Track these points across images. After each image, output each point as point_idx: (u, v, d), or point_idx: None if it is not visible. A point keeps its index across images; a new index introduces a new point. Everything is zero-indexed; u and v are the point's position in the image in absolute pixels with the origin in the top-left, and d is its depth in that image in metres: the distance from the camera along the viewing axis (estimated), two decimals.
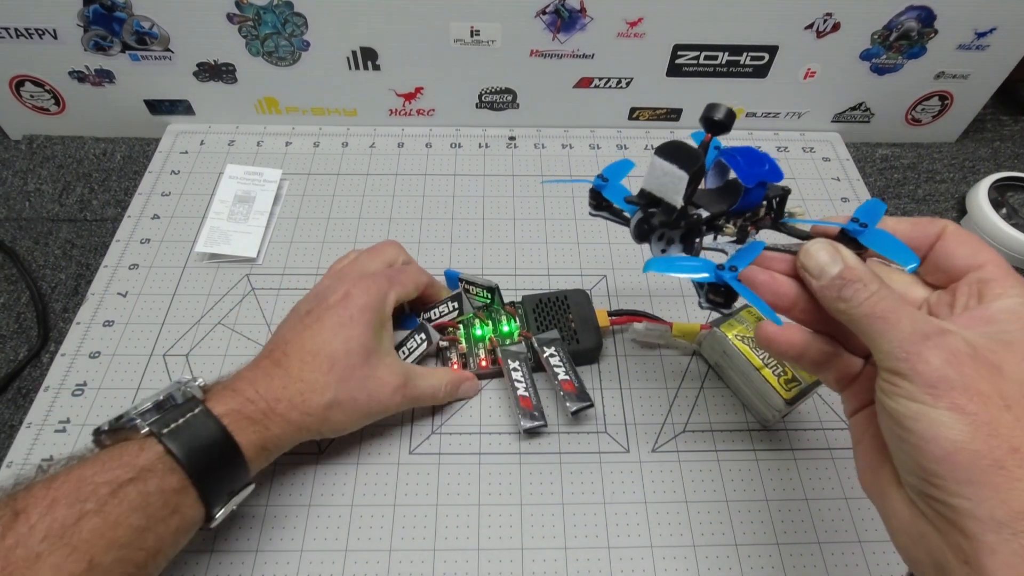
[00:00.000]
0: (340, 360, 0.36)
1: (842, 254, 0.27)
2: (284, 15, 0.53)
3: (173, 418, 0.31)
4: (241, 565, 0.37)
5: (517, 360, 0.43)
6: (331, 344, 0.37)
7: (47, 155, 0.60)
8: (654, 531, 0.39)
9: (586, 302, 0.46)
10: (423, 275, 0.44)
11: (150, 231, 0.53)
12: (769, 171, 0.30)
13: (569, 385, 0.42)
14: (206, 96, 0.60)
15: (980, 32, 0.55)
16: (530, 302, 0.46)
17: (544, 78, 0.59)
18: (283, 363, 0.36)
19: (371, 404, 0.38)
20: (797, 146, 0.62)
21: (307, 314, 0.39)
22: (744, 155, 0.30)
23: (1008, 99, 0.70)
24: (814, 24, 0.55)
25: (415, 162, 0.59)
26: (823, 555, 0.38)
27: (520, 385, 0.42)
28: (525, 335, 0.45)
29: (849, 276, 0.26)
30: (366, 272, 0.41)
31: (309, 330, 0.37)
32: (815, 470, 0.42)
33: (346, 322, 0.38)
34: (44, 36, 0.54)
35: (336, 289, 0.39)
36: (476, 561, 0.38)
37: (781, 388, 0.40)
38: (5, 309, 0.50)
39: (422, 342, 0.43)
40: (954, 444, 0.22)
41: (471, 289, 0.46)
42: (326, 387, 0.36)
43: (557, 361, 0.43)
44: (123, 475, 0.29)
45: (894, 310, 0.24)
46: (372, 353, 0.38)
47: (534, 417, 0.41)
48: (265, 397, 0.34)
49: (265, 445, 0.34)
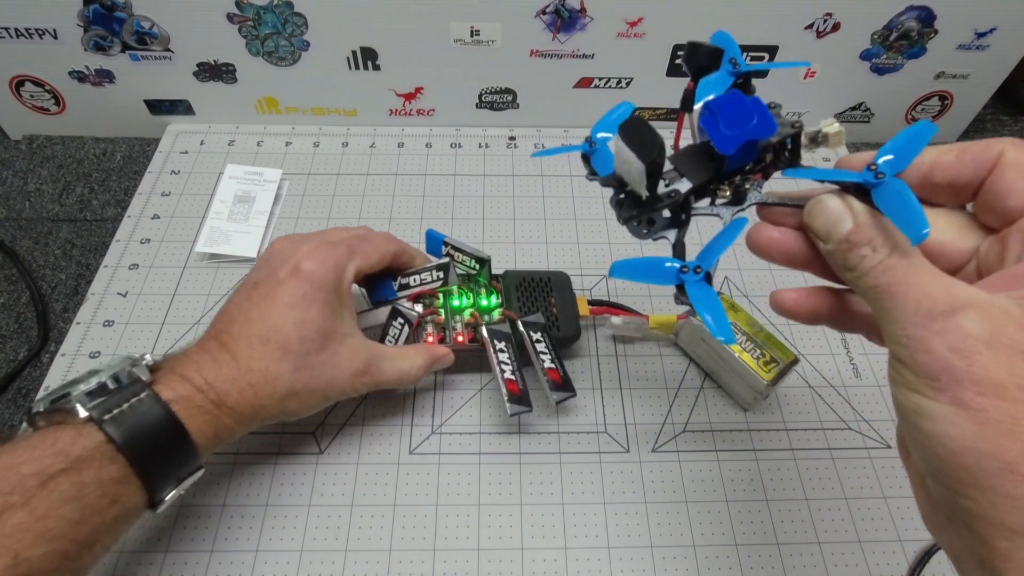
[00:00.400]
0: (293, 347, 0.33)
1: (852, 210, 0.23)
2: (284, 15, 0.53)
3: (116, 403, 0.29)
4: (241, 565, 0.37)
5: (504, 341, 0.41)
6: (282, 328, 0.33)
7: (47, 155, 0.60)
8: (654, 531, 0.39)
9: (567, 287, 0.45)
10: (391, 243, 0.40)
11: (150, 231, 0.53)
12: (757, 126, 0.25)
13: (555, 373, 0.40)
14: (206, 96, 0.60)
15: (980, 32, 0.55)
16: (513, 279, 0.44)
17: (544, 78, 0.59)
18: (230, 347, 0.33)
19: (330, 390, 0.35)
20: None
21: (255, 288, 0.35)
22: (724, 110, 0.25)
23: (1008, 99, 0.70)
24: (814, 24, 0.55)
25: (415, 162, 0.59)
26: (823, 555, 0.38)
27: (507, 368, 0.40)
28: (509, 315, 0.42)
29: (856, 238, 0.22)
30: (322, 240, 0.37)
31: (257, 309, 0.34)
32: (815, 470, 0.42)
33: (298, 302, 0.34)
34: (44, 36, 0.54)
35: (287, 258, 0.35)
36: (476, 561, 0.38)
37: (761, 370, 0.40)
38: (5, 309, 0.50)
39: (402, 326, 0.41)
40: (958, 444, 0.19)
41: (457, 256, 0.43)
42: (279, 377, 0.33)
43: (544, 348, 0.41)
44: (55, 465, 0.27)
45: (902, 282, 0.21)
46: (330, 336, 0.35)
47: (521, 401, 0.39)
48: (215, 387, 0.32)
49: (218, 435, 0.32)
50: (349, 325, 0.37)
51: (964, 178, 0.23)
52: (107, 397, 0.29)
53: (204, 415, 0.31)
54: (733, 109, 0.25)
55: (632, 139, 0.24)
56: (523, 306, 0.43)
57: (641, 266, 0.27)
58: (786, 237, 0.25)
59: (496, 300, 0.43)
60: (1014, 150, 0.22)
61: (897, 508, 0.40)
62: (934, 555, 0.38)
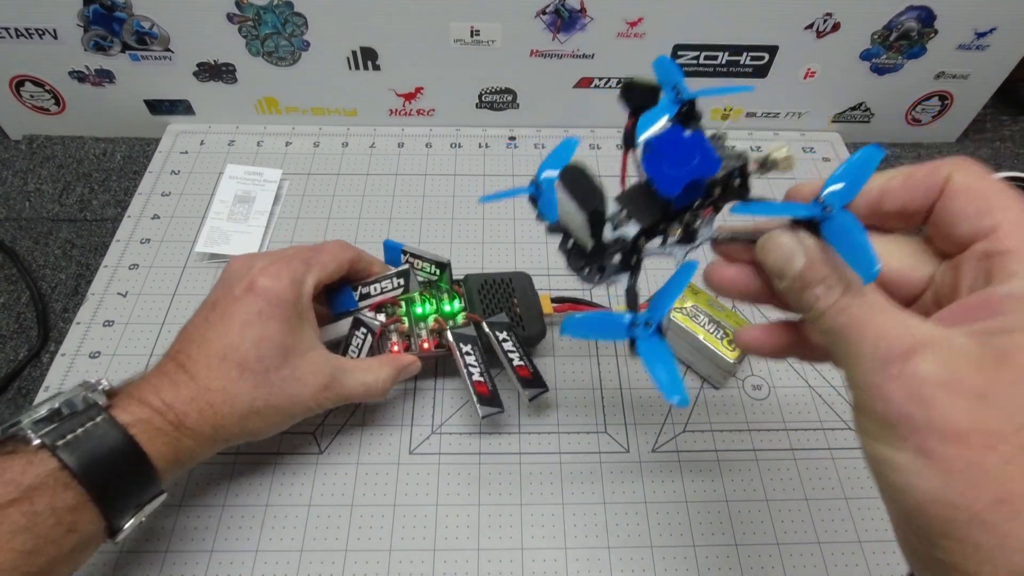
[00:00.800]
0: (251, 364, 0.33)
1: (804, 246, 0.22)
2: (284, 15, 0.53)
3: (70, 428, 0.28)
4: (241, 565, 0.37)
5: (469, 344, 0.41)
6: (239, 346, 0.33)
7: (47, 155, 0.60)
8: (654, 531, 0.39)
9: (529, 286, 0.45)
10: (346, 250, 0.40)
11: (150, 231, 0.53)
12: (699, 164, 0.24)
13: (524, 370, 0.40)
14: (206, 96, 0.60)
15: (980, 32, 0.55)
16: (474, 282, 0.44)
17: (544, 78, 0.59)
18: (188, 367, 0.32)
19: (293, 407, 0.35)
20: (797, 146, 0.62)
21: (212, 308, 0.34)
22: (665, 150, 0.24)
23: (1008, 99, 0.70)
24: (814, 24, 0.55)
25: (415, 162, 0.59)
26: (823, 555, 0.38)
27: (475, 370, 0.40)
28: (473, 318, 0.42)
29: (809, 276, 0.21)
30: (278, 256, 0.37)
31: (214, 328, 0.33)
32: (815, 470, 0.42)
33: (254, 319, 0.33)
34: (44, 36, 0.54)
35: (242, 276, 0.35)
36: (476, 561, 0.38)
37: (726, 349, 0.42)
38: (5, 309, 0.50)
39: (365, 335, 0.40)
40: (925, 495, 0.18)
41: (416, 263, 0.43)
42: (238, 396, 0.32)
43: (511, 346, 0.41)
44: (4, 495, 0.26)
45: (858, 323, 0.20)
46: (290, 352, 0.34)
47: (491, 403, 0.39)
48: (173, 408, 0.31)
49: (178, 458, 0.31)
50: (310, 340, 0.36)
51: (914, 204, 0.22)
52: (60, 423, 0.28)
53: (163, 437, 0.30)
54: (674, 148, 0.24)
55: (573, 189, 0.24)
56: (487, 308, 0.43)
57: (592, 322, 0.26)
58: (742, 274, 0.24)
59: (459, 304, 0.43)
60: (961, 174, 0.21)
61: None
62: None
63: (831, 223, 0.22)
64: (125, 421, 0.29)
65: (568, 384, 0.45)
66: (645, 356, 0.24)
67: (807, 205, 0.22)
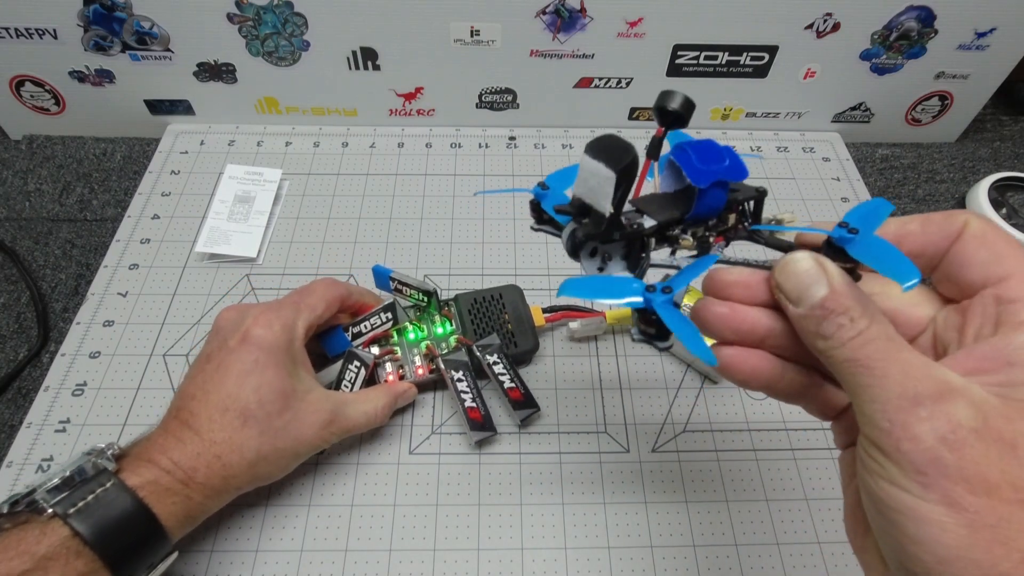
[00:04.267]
0: (254, 411, 0.33)
1: (828, 273, 0.21)
2: (284, 15, 0.53)
3: (81, 495, 0.29)
4: (241, 565, 0.37)
5: (460, 370, 0.42)
6: (240, 396, 0.33)
7: (47, 155, 0.60)
8: (654, 531, 0.39)
9: (520, 299, 0.45)
10: (333, 288, 0.40)
11: (150, 231, 0.53)
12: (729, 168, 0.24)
13: (516, 392, 0.42)
14: (206, 96, 0.60)
15: (980, 32, 0.55)
16: (464, 302, 0.45)
17: (544, 78, 0.59)
18: (192, 424, 0.33)
19: (299, 448, 0.35)
20: (797, 146, 0.62)
21: (208, 361, 0.35)
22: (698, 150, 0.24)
23: (1008, 99, 0.70)
24: (814, 24, 0.55)
25: (415, 162, 0.59)
26: (823, 555, 0.38)
27: (467, 396, 0.41)
28: (464, 342, 0.43)
29: (833, 305, 0.20)
30: (268, 306, 0.37)
31: (212, 381, 0.34)
32: (815, 470, 0.42)
33: (251, 368, 0.34)
34: (44, 36, 0.54)
35: (235, 327, 0.36)
36: (476, 561, 0.38)
37: None
38: (5, 309, 0.50)
39: (359, 369, 0.41)
40: (947, 551, 0.17)
41: (404, 290, 0.44)
42: (244, 445, 0.33)
43: (501, 369, 0.42)
44: (17, 567, 0.26)
45: (883, 358, 0.19)
46: (290, 396, 0.35)
47: (484, 428, 0.41)
48: (181, 466, 0.32)
49: (190, 514, 0.32)
50: (307, 382, 0.37)
51: (931, 248, 0.22)
52: (72, 491, 0.29)
53: (173, 496, 0.31)
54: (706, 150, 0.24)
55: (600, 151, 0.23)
56: (478, 327, 0.44)
57: (598, 283, 0.25)
58: (735, 313, 0.23)
59: (450, 327, 0.44)
60: (977, 221, 0.21)
61: None
62: None
63: (858, 242, 0.21)
64: (134, 484, 0.30)
65: (568, 384, 0.45)
66: (668, 319, 0.22)
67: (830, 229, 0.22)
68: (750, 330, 0.23)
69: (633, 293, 0.23)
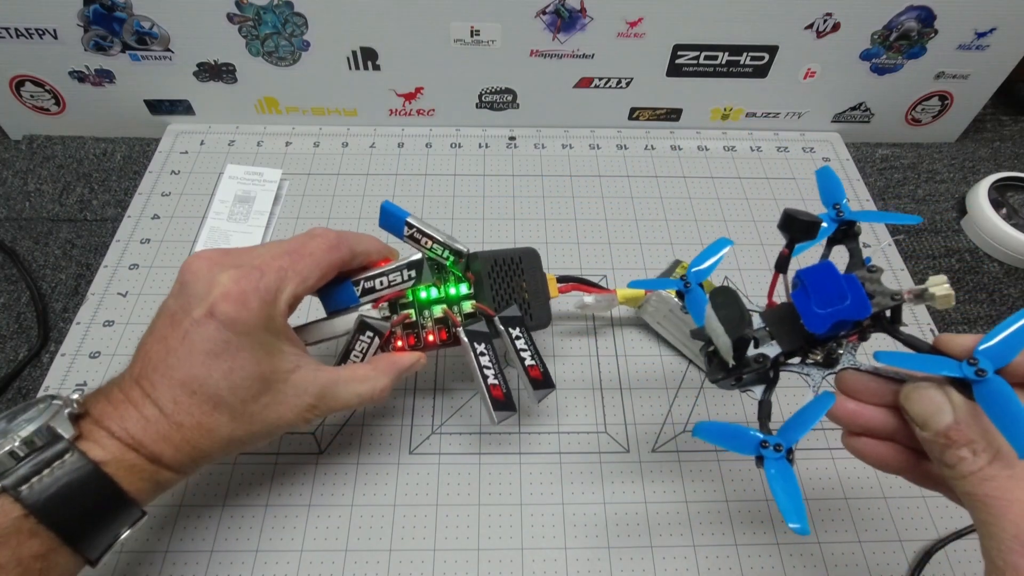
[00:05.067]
0: (225, 397, 0.29)
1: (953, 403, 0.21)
2: (284, 15, 0.53)
3: (35, 470, 0.25)
4: (241, 565, 0.37)
5: (483, 342, 0.37)
6: (208, 382, 0.29)
7: (47, 155, 0.60)
8: (654, 531, 0.39)
9: (538, 266, 0.41)
10: (333, 252, 0.34)
11: (150, 231, 0.53)
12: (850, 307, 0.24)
13: (536, 371, 0.37)
14: (206, 96, 0.60)
15: (980, 32, 0.55)
16: (484, 263, 0.39)
17: (544, 78, 0.59)
18: (154, 397, 0.29)
19: (278, 429, 0.32)
20: (797, 146, 0.62)
21: (171, 324, 0.30)
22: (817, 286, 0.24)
23: (1008, 99, 0.70)
24: (814, 24, 0.55)
25: (415, 162, 0.59)
26: (823, 555, 0.38)
27: (489, 372, 0.36)
28: (486, 311, 0.38)
29: (956, 436, 0.21)
30: (246, 266, 0.31)
31: (175, 354, 0.29)
32: (815, 470, 0.42)
33: (221, 350, 0.29)
34: (44, 36, 0.54)
35: (202, 293, 0.30)
36: (476, 561, 0.38)
37: None
38: (5, 309, 0.50)
39: (371, 340, 0.36)
40: None
41: (423, 241, 0.37)
42: (215, 430, 0.29)
43: (523, 344, 0.38)
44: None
45: (1002, 497, 0.19)
46: (269, 379, 0.30)
47: (506, 407, 0.36)
48: (146, 446, 0.28)
49: (159, 487, 0.29)
50: (291, 359, 0.32)
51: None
52: (23, 462, 0.26)
53: (139, 473, 0.28)
54: (826, 284, 0.24)
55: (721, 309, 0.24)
56: (496, 294, 0.39)
57: (724, 432, 0.27)
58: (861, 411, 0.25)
59: (467, 289, 0.39)
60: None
61: (897, 508, 0.40)
62: (934, 555, 0.38)
63: (984, 387, 0.21)
64: (98, 458, 0.27)
65: (568, 384, 0.45)
66: (771, 478, 0.24)
67: (958, 363, 0.22)
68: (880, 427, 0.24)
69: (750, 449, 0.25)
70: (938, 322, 0.51)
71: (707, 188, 0.58)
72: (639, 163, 0.60)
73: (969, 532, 0.39)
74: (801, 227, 0.26)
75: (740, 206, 0.57)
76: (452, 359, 0.46)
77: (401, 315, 0.37)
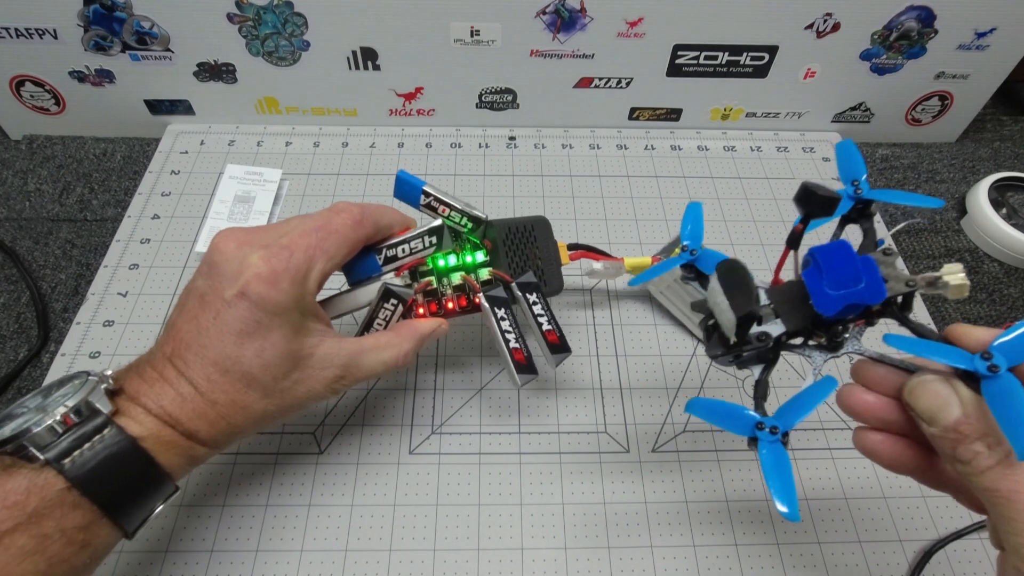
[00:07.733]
0: (257, 375, 0.30)
1: (960, 397, 0.21)
2: (284, 15, 0.53)
3: (77, 443, 0.26)
4: (241, 565, 0.37)
5: (503, 307, 0.38)
6: (240, 358, 0.30)
7: (47, 155, 0.60)
8: (654, 531, 0.39)
9: (549, 234, 0.42)
10: (359, 228, 0.34)
11: (150, 231, 0.53)
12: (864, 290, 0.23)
13: (553, 335, 0.38)
14: (206, 96, 0.60)
15: (980, 32, 0.55)
16: (499, 230, 0.40)
17: (544, 78, 0.59)
18: (188, 375, 0.30)
19: (308, 402, 0.33)
20: (797, 146, 0.62)
21: (202, 304, 0.30)
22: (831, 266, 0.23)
23: (1008, 99, 0.70)
24: (814, 24, 0.55)
25: (415, 162, 0.59)
26: (823, 555, 0.38)
27: (511, 336, 0.37)
28: (503, 277, 0.39)
29: (966, 430, 0.20)
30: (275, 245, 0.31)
31: (206, 335, 0.30)
32: (815, 470, 0.42)
33: (253, 329, 0.30)
34: (44, 36, 0.54)
35: (234, 274, 0.30)
36: (476, 561, 0.38)
37: None
38: (5, 309, 0.50)
39: (395, 307, 0.36)
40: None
41: (440, 209, 0.38)
42: (249, 406, 0.31)
43: (540, 309, 0.38)
44: (8, 520, 0.24)
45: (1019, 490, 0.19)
46: (298, 356, 0.32)
47: (528, 370, 0.37)
48: (182, 423, 0.29)
49: (193, 462, 0.30)
50: (318, 334, 0.33)
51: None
52: (64, 436, 0.26)
53: (175, 448, 0.29)
54: (841, 265, 0.23)
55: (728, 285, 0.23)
56: (512, 261, 0.40)
57: (718, 409, 0.26)
58: (882, 403, 0.23)
59: (483, 256, 0.39)
60: None
61: (897, 508, 0.40)
62: (934, 555, 0.38)
63: (993, 384, 0.20)
64: (136, 433, 0.28)
65: (568, 384, 0.45)
66: (764, 462, 0.23)
67: (970, 356, 0.21)
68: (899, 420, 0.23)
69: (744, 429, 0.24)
70: (937, 321, 0.51)
71: (707, 188, 0.58)
72: (639, 163, 0.60)
73: (969, 532, 0.39)
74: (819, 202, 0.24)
75: (740, 206, 0.57)
76: (452, 359, 0.46)
77: (423, 282, 0.38)
